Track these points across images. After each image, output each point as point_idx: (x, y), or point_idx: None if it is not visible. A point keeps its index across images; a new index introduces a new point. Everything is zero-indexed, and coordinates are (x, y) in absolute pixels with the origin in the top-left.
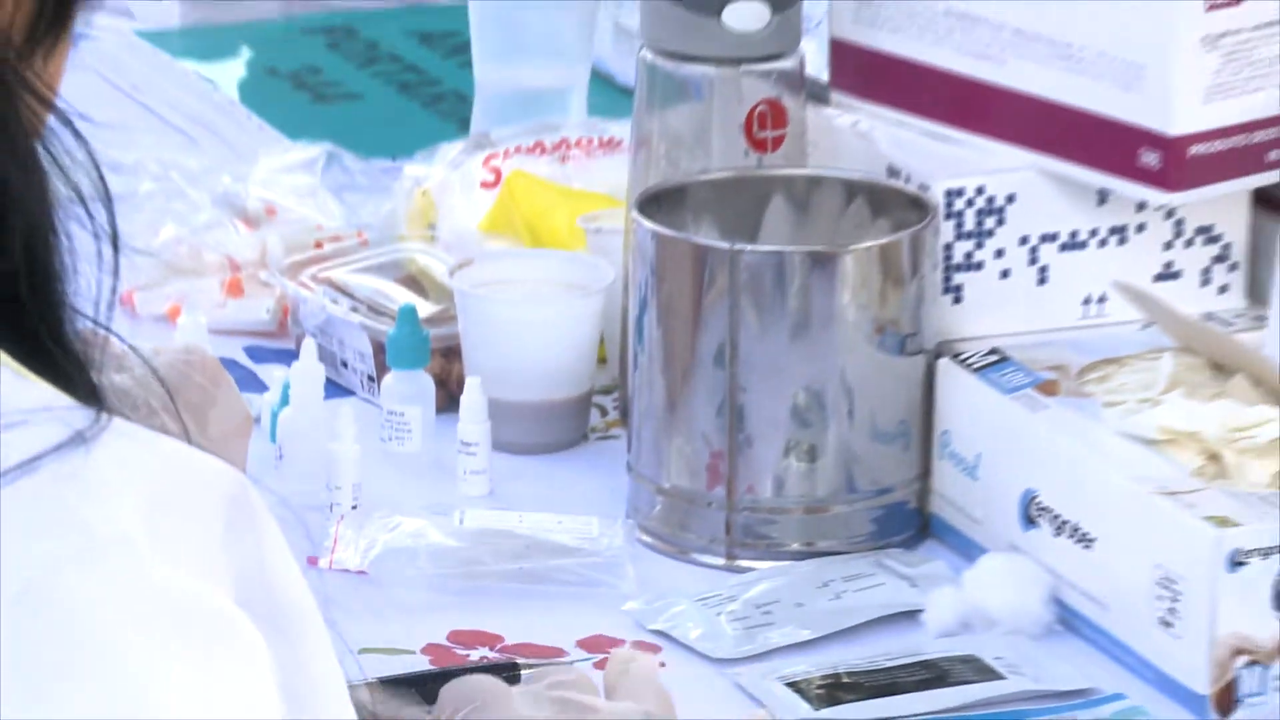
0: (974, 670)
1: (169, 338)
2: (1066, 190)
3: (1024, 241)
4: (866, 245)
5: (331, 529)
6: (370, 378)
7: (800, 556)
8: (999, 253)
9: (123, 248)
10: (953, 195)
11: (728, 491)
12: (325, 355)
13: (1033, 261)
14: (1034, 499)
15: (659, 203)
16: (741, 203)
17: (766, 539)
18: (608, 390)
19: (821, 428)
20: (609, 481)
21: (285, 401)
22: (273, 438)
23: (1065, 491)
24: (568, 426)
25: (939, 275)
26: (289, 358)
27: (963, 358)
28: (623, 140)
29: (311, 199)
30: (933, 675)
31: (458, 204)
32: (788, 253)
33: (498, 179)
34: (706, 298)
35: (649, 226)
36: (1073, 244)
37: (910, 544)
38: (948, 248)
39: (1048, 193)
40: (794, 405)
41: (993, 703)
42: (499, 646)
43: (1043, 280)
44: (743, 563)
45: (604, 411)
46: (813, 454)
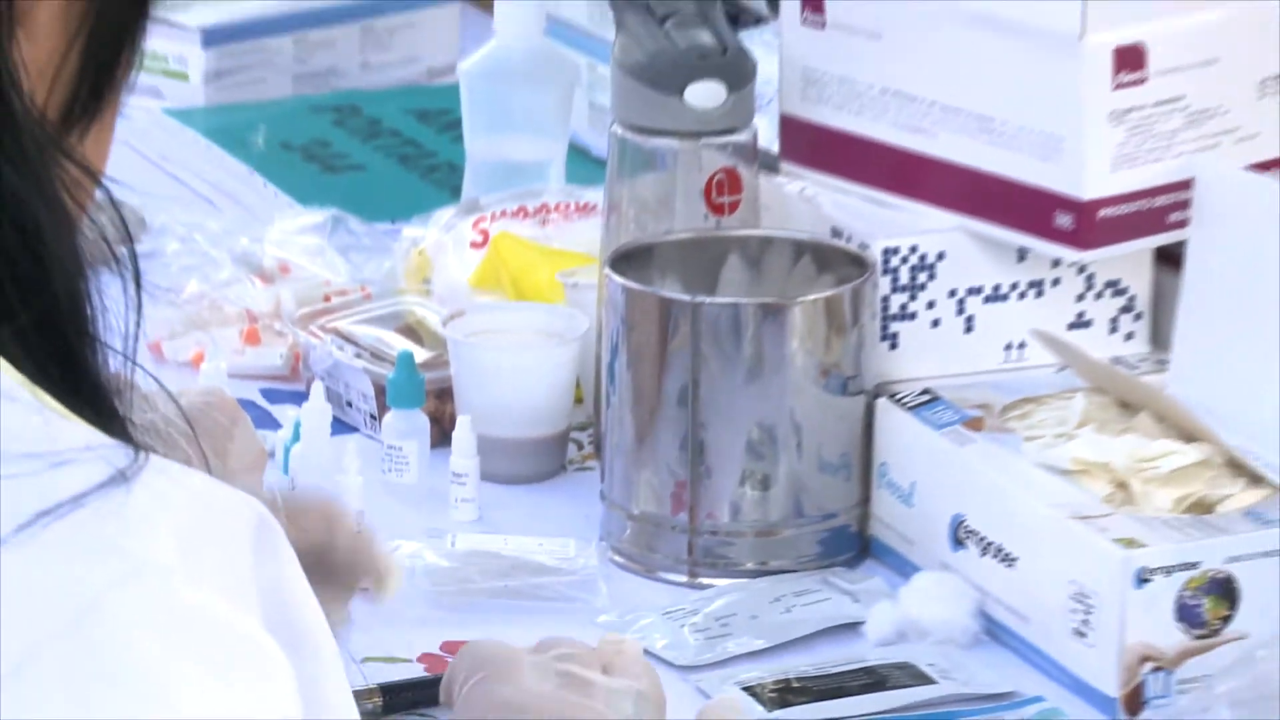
0: (910, 676)
1: (193, 381)
2: (990, 249)
3: (952, 294)
4: (813, 298)
5: None
6: (372, 416)
7: (755, 574)
8: (930, 304)
9: (152, 300)
10: (889, 253)
11: (690, 517)
12: (332, 396)
13: (960, 312)
14: (962, 523)
15: (629, 260)
16: (702, 260)
17: (725, 559)
18: (583, 427)
19: (773, 460)
20: (584, 508)
21: (297, 438)
22: (285, 470)
23: (990, 516)
24: (548, 459)
25: (877, 324)
26: (300, 399)
27: (898, 397)
28: (597, 205)
29: (320, 258)
30: (873, 680)
31: (450, 262)
32: (743, 304)
33: (486, 240)
34: (671, 345)
35: (620, 281)
36: (995, 296)
37: (852, 563)
38: (885, 300)
39: (973, 251)
40: (749, 440)
41: (926, 705)
42: None
43: (969, 329)
44: (704, 580)
45: (580, 446)
46: (765, 483)
